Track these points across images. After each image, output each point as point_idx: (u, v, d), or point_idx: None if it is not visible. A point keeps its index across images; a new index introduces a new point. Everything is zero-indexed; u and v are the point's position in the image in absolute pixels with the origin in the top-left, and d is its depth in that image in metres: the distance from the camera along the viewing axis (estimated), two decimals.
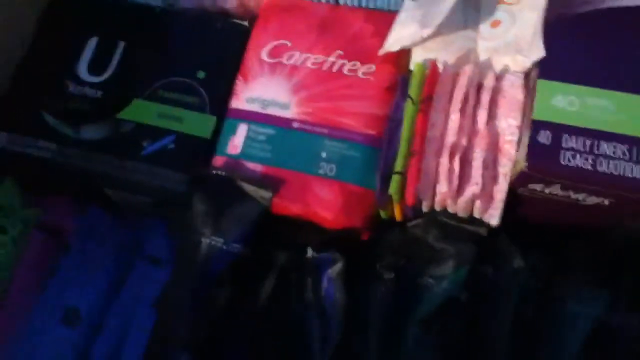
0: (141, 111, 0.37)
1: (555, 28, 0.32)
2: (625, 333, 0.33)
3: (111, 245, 0.37)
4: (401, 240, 0.35)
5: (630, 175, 0.28)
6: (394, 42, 0.34)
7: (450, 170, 0.31)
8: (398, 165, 0.32)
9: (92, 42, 0.39)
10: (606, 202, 0.30)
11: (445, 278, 0.33)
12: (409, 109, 0.33)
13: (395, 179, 0.32)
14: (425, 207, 0.33)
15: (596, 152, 0.29)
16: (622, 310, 0.33)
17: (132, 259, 0.37)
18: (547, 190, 0.31)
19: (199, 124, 0.36)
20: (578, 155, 0.29)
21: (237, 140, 0.35)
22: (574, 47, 0.31)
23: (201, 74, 0.37)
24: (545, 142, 0.30)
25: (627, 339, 0.33)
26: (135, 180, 0.35)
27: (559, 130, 0.30)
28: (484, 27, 0.35)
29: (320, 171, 0.34)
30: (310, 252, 0.34)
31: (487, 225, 0.32)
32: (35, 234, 0.37)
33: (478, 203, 0.32)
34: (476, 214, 0.32)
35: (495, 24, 0.35)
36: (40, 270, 0.37)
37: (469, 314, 0.33)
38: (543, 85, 0.31)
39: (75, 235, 0.37)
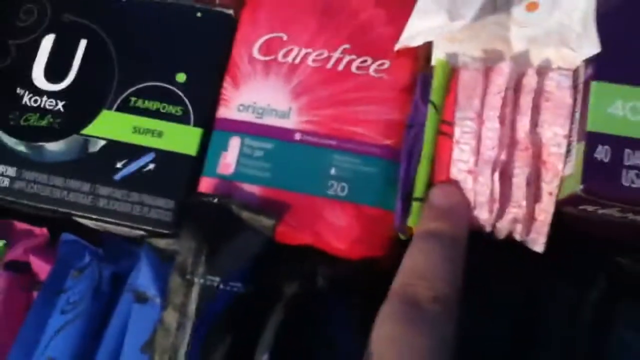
0: (112, 125, 0.31)
1: (611, 13, 0.26)
2: None
3: (90, 282, 0.32)
4: None
5: None
6: (413, 35, 0.29)
7: (492, 193, 0.26)
8: (418, 190, 0.27)
9: (48, 41, 0.32)
10: None
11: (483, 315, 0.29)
12: (431, 118, 0.28)
13: (415, 207, 0.27)
14: None
15: None
16: None
17: (115, 295, 0.32)
18: (600, 212, 0.26)
19: (181, 139, 0.30)
20: None
21: (229, 158, 0.30)
22: (635, 39, 0.26)
23: (181, 77, 0.31)
24: (603, 159, 0.25)
25: None
26: (111, 209, 0.30)
27: (620, 144, 0.25)
28: (518, 11, 0.29)
29: (330, 192, 0.29)
30: (320, 287, 0.29)
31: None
32: (1, 273, 0.32)
33: (519, 227, 0.27)
34: (517, 238, 0.27)
35: (533, 6, 0.29)
36: (8, 315, 0.32)
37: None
38: (599, 88, 0.25)
39: (47, 272, 0.32)
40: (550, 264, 0.29)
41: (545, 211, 0.27)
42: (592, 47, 0.26)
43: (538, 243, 0.27)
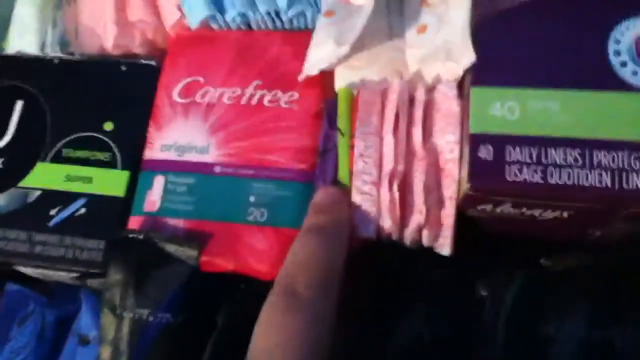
0: (47, 176, 0.33)
1: (483, 27, 0.28)
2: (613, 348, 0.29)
3: (33, 328, 0.33)
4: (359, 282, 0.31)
5: (585, 184, 0.25)
6: (312, 64, 0.31)
7: (391, 201, 0.28)
8: None
9: None
10: (565, 214, 0.27)
11: (408, 316, 0.30)
12: (341, 143, 0.29)
13: None
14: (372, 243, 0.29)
15: (545, 161, 0.26)
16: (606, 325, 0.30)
17: (60, 338, 0.33)
18: (498, 210, 0.27)
19: (110, 182, 0.32)
20: (525, 168, 0.26)
21: (154, 195, 0.32)
22: (509, 45, 0.28)
23: (109, 126, 0.33)
24: (487, 158, 0.26)
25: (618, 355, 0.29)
26: (46, 255, 0.32)
27: (501, 142, 0.26)
28: (410, 34, 0.31)
29: (250, 218, 0.31)
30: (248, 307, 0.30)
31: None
32: None
33: (425, 232, 0.28)
34: (425, 243, 0.29)
35: (422, 29, 0.31)
36: None
37: (436, 354, 0.29)
38: (477, 93, 0.27)
39: None
40: (471, 267, 0.30)
41: (448, 216, 0.28)
42: (469, 56, 0.28)
43: (445, 246, 0.28)
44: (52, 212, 0.32)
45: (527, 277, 0.30)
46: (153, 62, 0.35)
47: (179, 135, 0.33)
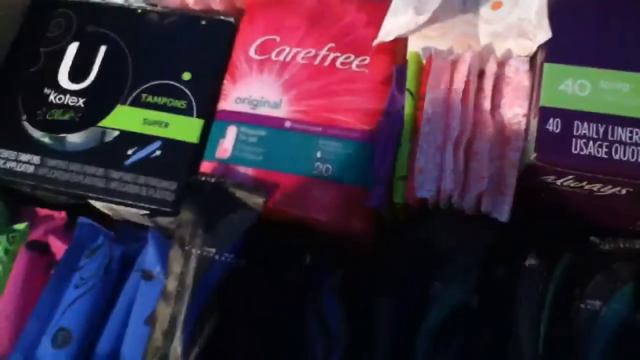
0: (125, 118, 0.35)
1: (561, 6, 0.29)
2: None
3: (101, 261, 0.35)
4: (405, 244, 0.33)
5: None
6: (388, 31, 0.32)
7: (456, 164, 0.29)
8: (401, 170, 0.30)
9: (73, 48, 0.37)
10: (623, 191, 0.28)
11: (454, 282, 0.31)
12: (409, 103, 0.31)
13: (398, 185, 0.30)
14: (430, 206, 0.31)
15: (611, 138, 0.27)
16: None
17: (124, 273, 0.35)
18: (559, 182, 0.29)
19: (185, 129, 0.34)
20: (591, 143, 0.27)
21: (226, 144, 0.33)
22: (583, 27, 0.29)
23: (187, 76, 0.35)
24: (555, 130, 0.27)
25: None
26: (121, 191, 0.34)
27: (569, 117, 0.27)
28: (485, 10, 0.32)
29: (315, 172, 0.32)
30: (308, 261, 0.32)
31: (497, 223, 0.30)
32: (22, 251, 0.35)
33: (485, 199, 0.29)
34: (484, 211, 0.30)
35: (497, 5, 0.32)
36: (28, 290, 0.35)
37: (482, 320, 0.31)
38: (550, 69, 0.28)
39: (63, 252, 0.35)
40: (522, 240, 0.32)
41: (509, 185, 0.29)
42: (545, 34, 0.29)
43: (503, 214, 0.29)
44: (129, 151, 0.34)
45: (577, 252, 0.31)
46: (232, 19, 0.36)
47: (253, 89, 0.34)
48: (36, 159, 0.35)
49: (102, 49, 0.37)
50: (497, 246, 0.31)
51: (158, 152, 0.34)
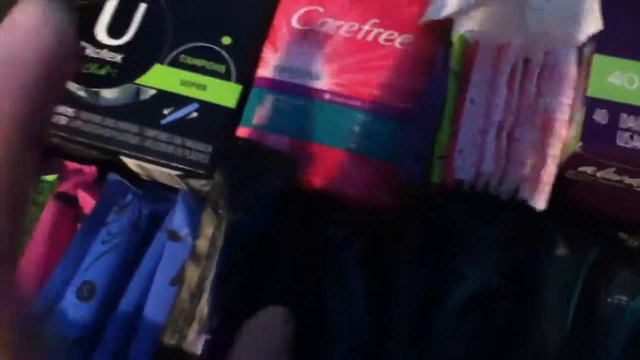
0: (163, 77, 0.35)
1: None
2: None
3: (130, 218, 0.35)
4: (431, 221, 0.33)
5: None
6: (436, 9, 0.32)
7: (497, 149, 0.29)
8: (440, 150, 0.30)
9: (112, 3, 0.37)
10: None
11: (479, 264, 0.31)
12: (452, 85, 0.31)
13: (437, 165, 0.30)
14: (466, 187, 0.31)
15: None
16: None
17: (151, 232, 0.35)
18: (598, 174, 0.29)
19: (223, 93, 0.34)
20: (636, 136, 0.27)
21: (263, 111, 0.33)
22: (635, 20, 0.29)
23: (227, 40, 0.35)
24: (601, 122, 0.27)
25: None
26: (155, 150, 0.34)
27: (616, 109, 0.27)
28: None
29: (350, 146, 0.32)
30: (332, 231, 0.32)
31: (530, 209, 0.30)
32: (51, 203, 0.35)
33: (524, 185, 0.30)
34: (521, 197, 0.30)
35: None
36: (55, 242, 0.35)
37: (506, 303, 0.31)
38: (599, 60, 0.28)
39: (91, 206, 0.36)
40: (552, 228, 0.32)
41: (548, 173, 0.30)
42: (596, 24, 0.29)
43: (540, 201, 0.30)
44: (165, 111, 0.34)
45: (605, 246, 0.32)
46: None
47: (294, 59, 0.34)
48: (70, 112, 0.35)
49: (142, 6, 0.36)
50: (526, 233, 0.32)
51: (195, 114, 0.34)
